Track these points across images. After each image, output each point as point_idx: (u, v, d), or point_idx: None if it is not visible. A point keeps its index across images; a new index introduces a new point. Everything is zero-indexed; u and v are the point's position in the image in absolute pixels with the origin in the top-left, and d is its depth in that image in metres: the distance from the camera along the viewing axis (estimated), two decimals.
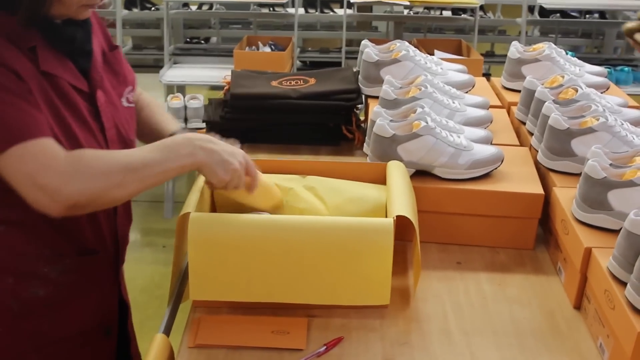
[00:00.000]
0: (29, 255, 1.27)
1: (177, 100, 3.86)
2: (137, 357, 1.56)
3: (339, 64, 5.03)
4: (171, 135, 1.38)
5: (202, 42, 5.86)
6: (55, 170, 1.12)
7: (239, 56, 4.21)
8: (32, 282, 1.28)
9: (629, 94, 4.91)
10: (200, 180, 1.34)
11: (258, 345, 1.17)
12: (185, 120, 3.83)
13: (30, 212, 1.14)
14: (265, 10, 5.48)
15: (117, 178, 1.15)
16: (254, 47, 4.61)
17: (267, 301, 1.23)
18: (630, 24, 2.82)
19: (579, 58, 2.14)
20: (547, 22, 5.91)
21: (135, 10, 5.58)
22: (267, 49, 4.57)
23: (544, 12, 5.76)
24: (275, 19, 5.69)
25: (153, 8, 5.66)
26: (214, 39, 6.10)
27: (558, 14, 5.93)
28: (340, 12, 5.35)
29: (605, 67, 4.50)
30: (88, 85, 1.28)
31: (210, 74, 4.45)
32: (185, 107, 3.83)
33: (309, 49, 5.65)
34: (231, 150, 1.23)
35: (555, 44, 2.08)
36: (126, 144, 1.36)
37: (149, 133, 1.48)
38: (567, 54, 2.20)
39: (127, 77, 1.40)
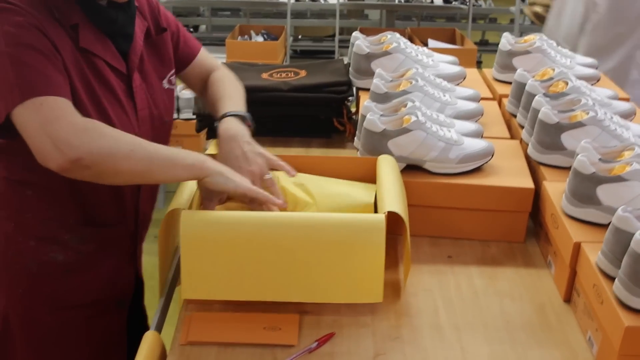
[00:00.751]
0: (52, 221, 1.32)
1: None
2: None
3: (332, 52, 5.03)
4: (222, 117, 1.43)
5: (192, 30, 5.83)
6: (68, 123, 1.15)
7: (232, 46, 4.19)
8: (53, 246, 1.33)
9: None
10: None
11: (250, 341, 1.18)
12: (178, 110, 3.81)
13: (56, 177, 1.18)
14: None
15: (126, 148, 1.18)
16: (246, 36, 4.59)
17: (260, 300, 1.24)
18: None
19: None
20: None
21: None
22: (260, 38, 4.55)
23: None
24: (267, 7, 5.66)
25: None
26: (202, 27, 6.07)
27: None
28: (331, 0, 5.34)
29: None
30: (126, 66, 1.33)
31: None
32: (178, 98, 3.82)
33: (300, 37, 5.64)
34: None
35: None
36: (160, 124, 1.41)
37: (212, 111, 1.53)
38: None
39: (171, 60, 1.45)
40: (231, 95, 1.52)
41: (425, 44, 4.24)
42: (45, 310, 1.36)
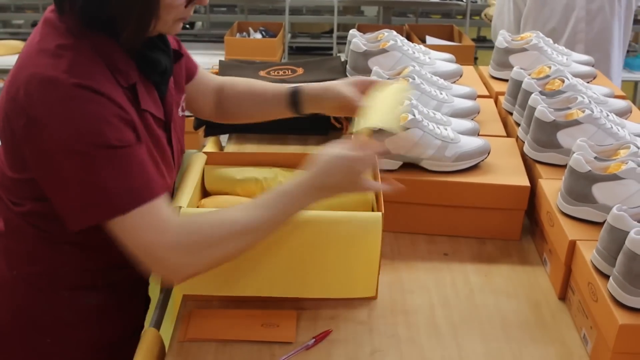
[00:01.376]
0: (88, 271, 1.25)
1: None
2: None
3: (329, 49, 5.02)
4: (294, 91, 1.42)
5: (187, 26, 5.80)
6: (169, 243, 1.07)
7: (230, 43, 4.18)
8: (88, 292, 1.25)
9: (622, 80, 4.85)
10: (193, 167, 1.34)
11: (248, 338, 1.19)
12: None
13: (93, 234, 1.08)
14: None
15: (230, 246, 1.12)
16: (244, 33, 4.59)
17: (257, 295, 1.25)
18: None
19: None
20: None
21: None
22: (258, 35, 4.55)
23: None
24: (263, 3, 5.65)
25: None
26: (199, 24, 6.05)
27: None
28: None
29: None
30: (164, 112, 1.22)
31: (201, 61, 4.40)
32: None
33: (296, 32, 5.63)
34: (349, 175, 1.17)
35: None
36: (180, 155, 1.32)
37: (257, 101, 1.48)
38: None
39: (184, 85, 1.35)
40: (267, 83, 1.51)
41: (424, 41, 4.25)
42: (76, 355, 1.29)
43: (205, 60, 4.37)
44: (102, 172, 1.03)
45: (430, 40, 4.31)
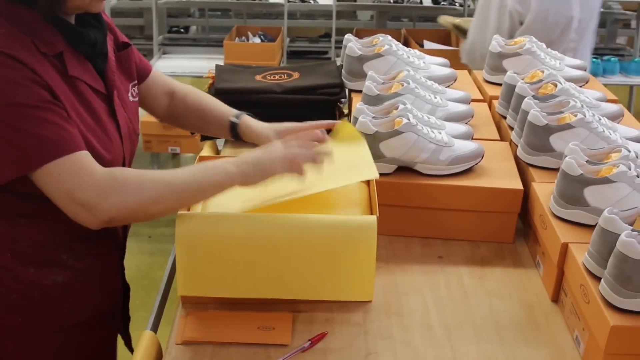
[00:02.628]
0: (49, 245, 1.30)
1: None
2: (129, 336, 1.58)
3: (326, 52, 5.04)
4: (235, 118, 1.51)
5: (182, 30, 5.81)
6: (92, 187, 1.16)
7: (229, 47, 4.20)
8: (52, 269, 1.31)
9: (615, 84, 4.92)
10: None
11: (244, 341, 1.20)
12: None
13: (49, 205, 1.18)
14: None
15: (153, 194, 1.19)
16: (243, 37, 4.60)
17: (254, 297, 1.26)
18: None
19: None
20: None
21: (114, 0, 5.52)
22: (257, 40, 4.57)
23: None
24: (258, 7, 5.66)
25: None
26: (193, 28, 6.05)
27: None
28: (321, 1, 5.36)
29: (592, 58, 4.52)
30: (105, 86, 1.31)
31: (200, 65, 4.39)
32: None
33: (294, 37, 5.65)
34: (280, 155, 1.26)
35: None
36: (135, 137, 1.41)
37: (201, 117, 1.56)
38: None
39: (134, 73, 1.44)
40: (219, 103, 1.58)
41: (421, 45, 4.27)
42: (48, 333, 1.34)
43: (204, 64, 4.39)
44: (14, 128, 1.13)
45: (427, 44, 4.34)
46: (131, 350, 1.50)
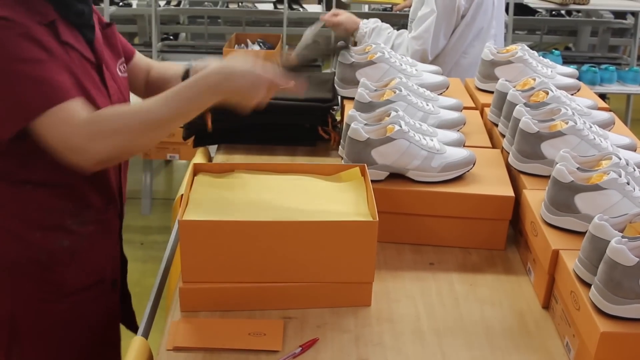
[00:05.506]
0: (55, 210, 1.38)
1: None
2: (133, 313, 1.66)
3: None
4: (186, 71, 1.57)
5: (171, 37, 5.79)
6: (79, 132, 1.23)
7: (229, 54, 4.20)
8: (59, 233, 1.38)
9: (612, 93, 4.93)
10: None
11: (235, 347, 1.20)
12: None
13: (51, 172, 1.30)
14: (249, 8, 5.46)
15: (137, 126, 1.26)
16: (242, 45, 4.61)
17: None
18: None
19: (563, 57, 2.18)
20: (533, 20, 5.87)
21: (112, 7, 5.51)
22: (256, 47, 4.57)
23: (529, 10, 5.72)
24: (262, 15, 5.68)
25: (121, 3, 5.52)
26: (182, 35, 6.04)
27: (543, 12, 5.89)
28: (309, 8, 5.40)
29: (590, 66, 4.53)
30: (94, 56, 1.39)
31: None
32: None
33: (292, 44, 5.66)
34: (250, 89, 1.33)
35: (541, 42, 2.11)
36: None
37: (163, 83, 1.59)
38: (552, 53, 2.26)
39: (120, 50, 1.51)
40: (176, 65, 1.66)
41: None
42: (56, 299, 1.40)
43: None
44: (9, 82, 1.22)
45: None
46: (135, 330, 1.56)
